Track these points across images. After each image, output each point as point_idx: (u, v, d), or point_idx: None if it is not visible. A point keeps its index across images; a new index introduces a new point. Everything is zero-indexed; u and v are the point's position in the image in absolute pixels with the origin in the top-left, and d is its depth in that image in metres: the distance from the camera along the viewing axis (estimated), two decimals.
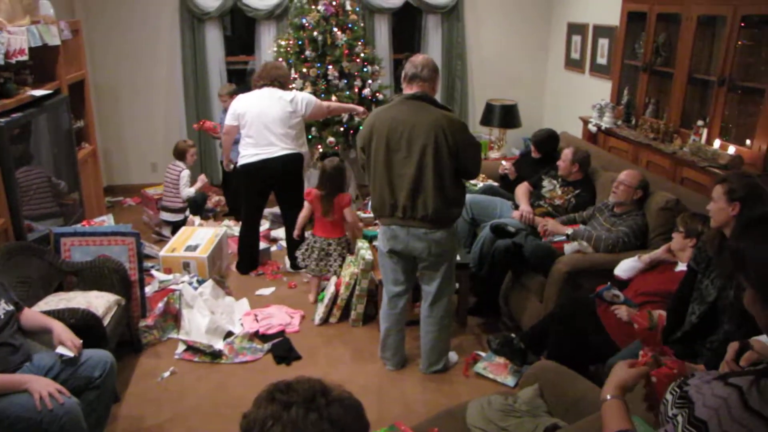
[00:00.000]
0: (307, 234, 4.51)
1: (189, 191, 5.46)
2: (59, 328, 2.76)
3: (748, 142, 3.87)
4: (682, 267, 3.07)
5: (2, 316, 2.62)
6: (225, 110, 4.99)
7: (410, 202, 3.16)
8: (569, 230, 3.86)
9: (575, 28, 6.35)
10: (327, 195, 4.26)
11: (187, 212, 5.58)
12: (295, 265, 4.85)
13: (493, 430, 2.32)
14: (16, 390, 2.46)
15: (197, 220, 5.35)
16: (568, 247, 3.70)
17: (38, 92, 4.13)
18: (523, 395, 2.45)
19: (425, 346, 3.56)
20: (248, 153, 4.51)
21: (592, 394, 2.36)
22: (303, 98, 4.57)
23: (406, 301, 3.54)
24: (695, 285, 2.70)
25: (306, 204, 4.44)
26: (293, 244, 4.84)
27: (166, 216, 5.50)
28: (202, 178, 5.65)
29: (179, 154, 5.53)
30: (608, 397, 1.45)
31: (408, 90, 3.20)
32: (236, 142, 4.79)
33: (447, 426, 2.42)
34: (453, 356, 3.70)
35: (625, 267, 3.34)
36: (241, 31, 7.05)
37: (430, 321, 3.48)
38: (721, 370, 1.80)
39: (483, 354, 3.70)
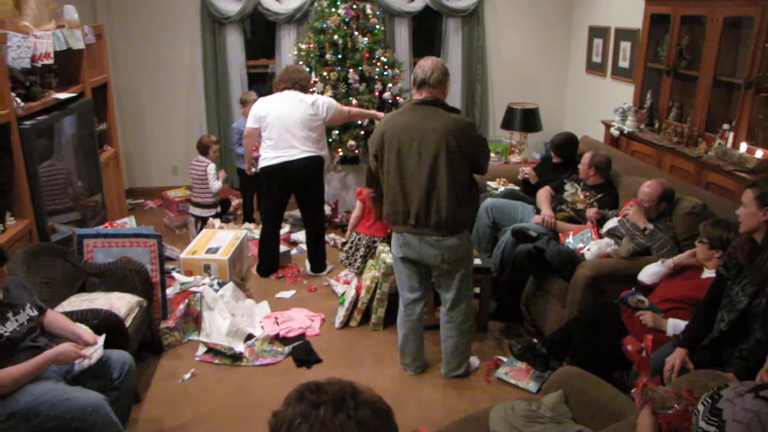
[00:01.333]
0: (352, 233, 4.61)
1: (218, 184, 5.46)
2: (82, 331, 2.78)
3: None
4: (709, 273, 3.02)
5: (26, 322, 2.64)
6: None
7: (423, 209, 3.13)
8: (649, 225, 3.63)
9: (597, 32, 6.30)
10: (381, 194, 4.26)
11: (218, 208, 5.59)
12: (315, 268, 4.86)
13: None
14: (43, 370, 2.50)
15: (217, 222, 5.36)
16: (596, 247, 3.64)
17: (63, 95, 4.17)
18: (547, 401, 2.41)
19: (446, 351, 3.53)
20: (269, 155, 4.52)
21: (617, 400, 2.33)
22: (324, 102, 4.57)
23: (423, 307, 3.51)
24: (725, 292, 2.65)
25: (358, 203, 4.52)
26: (314, 248, 4.85)
27: (197, 212, 5.50)
28: (222, 174, 5.64)
29: (203, 148, 5.52)
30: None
31: (418, 95, 3.17)
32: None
33: (469, 431, 2.40)
34: (474, 361, 3.67)
35: (649, 272, 3.29)
36: (261, 35, 7.08)
37: (450, 326, 3.46)
38: (759, 380, 1.76)
39: (504, 359, 3.67)
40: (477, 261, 4.01)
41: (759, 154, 3.78)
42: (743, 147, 3.92)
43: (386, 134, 3.17)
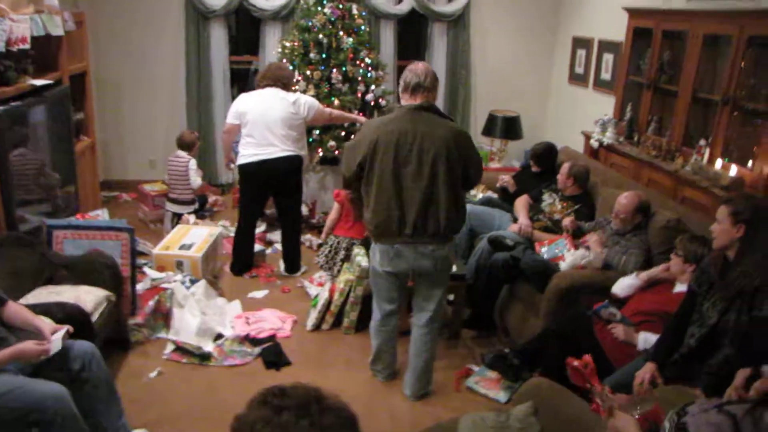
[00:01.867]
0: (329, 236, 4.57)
1: (199, 181, 5.39)
2: (44, 325, 2.70)
3: (749, 163, 3.85)
4: (680, 288, 3.04)
5: None
6: None
7: (422, 218, 3.04)
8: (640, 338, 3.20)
9: (580, 42, 6.34)
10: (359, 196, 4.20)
11: (197, 204, 5.52)
12: (289, 269, 4.81)
13: None
14: (2, 366, 2.43)
15: (192, 218, 5.29)
16: (571, 258, 3.64)
17: (39, 82, 4.10)
18: (517, 412, 2.40)
19: (417, 369, 3.38)
20: (248, 153, 4.47)
21: (587, 413, 2.32)
22: (306, 101, 4.54)
23: (398, 316, 3.46)
24: (695, 307, 2.66)
25: (335, 205, 4.47)
26: (289, 248, 4.81)
27: (174, 208, 5.42)
28: (199, 171, 5.58)
29: (187, 145, 5.43)
30: None
31: (411, 100, 3.09)
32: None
33: None
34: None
35: (623, 285, 3.30)
36: (245, 31, 7.03)
37: (427, 339, 3.34)
38: (727, 397, 1.77)
39: (476, 368, 3.66)
40: (453, 268, 4.00)
41: (733, 171, 3.81)
42: (718, 164, 3.96)
43: (379, 141, 3.03)
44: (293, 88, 4.82)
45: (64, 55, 4.67)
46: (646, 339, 2.92)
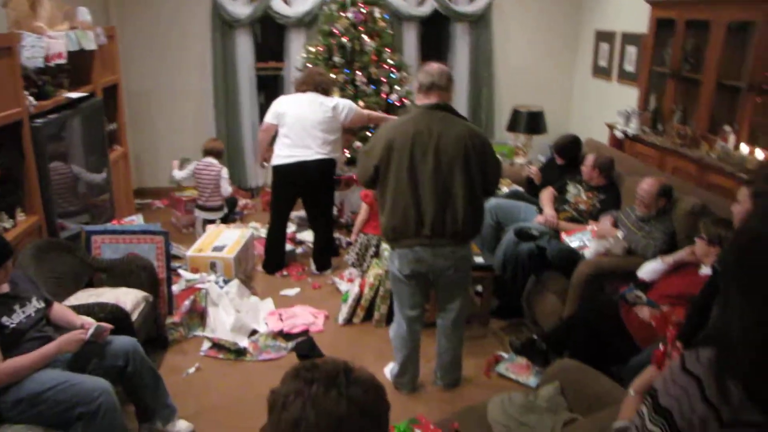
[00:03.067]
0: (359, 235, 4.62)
1: (230, 189, 5.52)
2: (84, 321, 2.84)
3: None
4: (706, 270, 3.05)
5: (33, 314, 2.70)
6: None
7: (440, 218, 3.00)
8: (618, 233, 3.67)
9: (603, 36, 6.34)
10: None
11: (226, 210, 5.64)
12: (320, 267, 4.91)
13: (514, 425, 2.34)
14: (50, 359, 2.57)
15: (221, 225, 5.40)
16: (593, 246, 3.67)
17: (74, 94, 4.26)
18: (544, 392, 2.45)
19: (445, 363, 3.44)
20: (283, 153, 4.57)
21: (614, 391, 2.37)
22: (345, 105, 4.64)
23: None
24: (719, 288, 2.67)
25: (363, 205, 4.50)
26: (321, 249, 4.90)
27: (204, 215, 5.55)
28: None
29: (217, 152, 5.58)
30: (631, 392, 1.51)
31: (426, 100, 3.07)
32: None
33: (468, 421, 2.44)
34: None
35: (649, 269, 3.32)
36: (270, 38, 7.16)
37: (453, 337, 3.37)
38: None
39: (505, 355, 3.71)
40: (480, 259, 4.06)
41: (760, 155, 3.81)
42: (744, 149, 3.95)
43: (396, 142, 2.99)
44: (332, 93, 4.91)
45: (97, 68, 4.83)
46: None
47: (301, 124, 4.51)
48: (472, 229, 3.11)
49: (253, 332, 3.97)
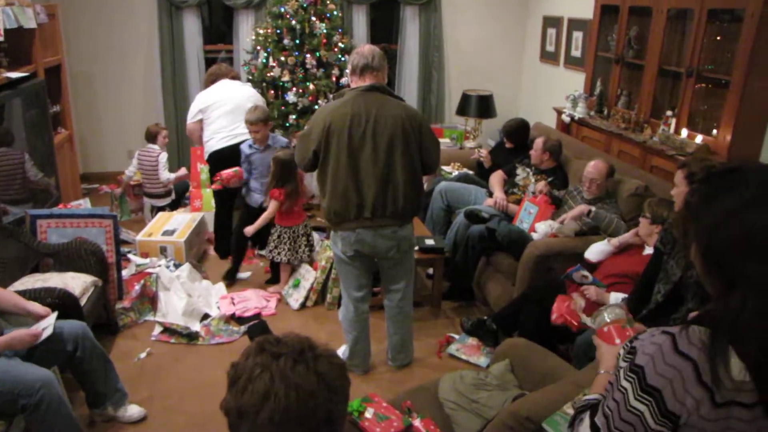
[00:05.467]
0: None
1: (168, 175, 5.39)
2: (33, 306, 2.77)
3: (714, 131, 3.99)
4: (649, 251, 3.16)
5: None
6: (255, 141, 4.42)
7: (380, 200, 3.02)
8: (592, 208, 3.77)
9: (550, 21, 6.45)
10: (295, 187, 4.16)
11: (172, 196, 5.54)
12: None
13: (465, 402, 2.40)
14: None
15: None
16: (541, 228, 3.77)
17: (14, 74, 4.12)
18: (494, 370, 2.52)
19: (396, 344, 3.48)
20: (222, 137, 4.57)
21: (561, 368, 2.44)
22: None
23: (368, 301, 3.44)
24: (661, 266, 2.79)
25: (273, 203, 4.17)
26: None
27: (152, 202, 5.46)
28: (182, 171, 5.60)
29: (151, 136, 5.48)
30: (602, 371, 1.56)
31: (360, 82, 3.06)
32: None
33: (420, 399, 2.49)
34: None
35: (596, 250, 3.43)
36: (218, 20, 7.05)
37: (401, 318, 3.41)
38: None
39: (456, 336, 3.78)
40: (430, 242, 4.12)
41: (699, 139, 3.96)
42: (684, 133, 4.10)
43: (332, 126, 2.97)
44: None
45: (38, 47, 4.68)
46: (617, 298, 3.04)
47: (235, 102, 4.55)
48: (412, 208, 3.14)
49: (205, 316, 3.95)
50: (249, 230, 4.26)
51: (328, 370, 1.23)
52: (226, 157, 4.54)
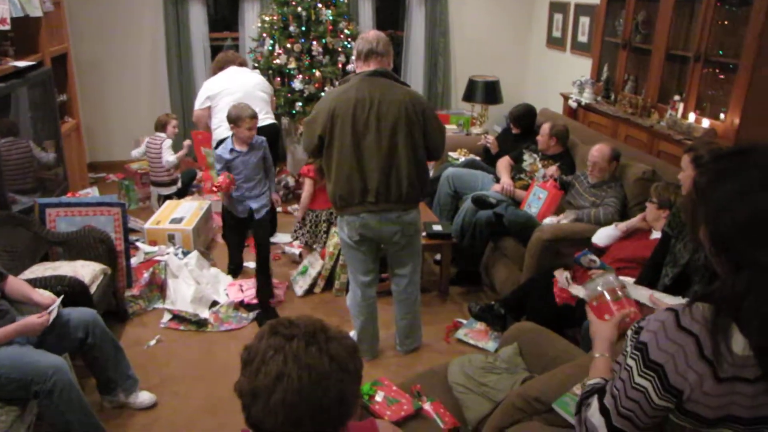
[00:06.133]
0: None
1: (171, 159, 5.38)
2: (39, 297, 2.78)
3: (722, 116, 3.97)
4: (656, 235, 3.17)
5: None
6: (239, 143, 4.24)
7: (384, 185, 3.03)
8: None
9: (557, 7, 6.41)
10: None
11: (179, 184, 5.55)
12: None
13: (474, 386, 2.41)
14: (8, 340, 2.52)
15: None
16: (547, 222, 3.78)
17: (21, 63, 4.13)
18: (503, 354, 2.53)
19: (404, 329, 3.50)
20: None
21: (569, 351, 2.45)
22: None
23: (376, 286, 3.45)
24: (669, 249, 2.79)
25: (307, 182, 4.30)
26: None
27: (158, 191, 5.48)
28: (186, 144, 5.56)
29: (160, 126, 5.49)
30: (597, 354, 1.55)
31: (365, 67, 3.06)
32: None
33: (429, 383, 2.51)
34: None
35: (603, 235, 3.43)
36: (223, 8, 7.04)
37: (408, 303, 3.42)
38: None
39: (464, 321, 3.79)
40: (438, 227, 4.12)
41: (706, 123, 3.94)
42: (692, 117, 4.08)
43: (336, 111, 2.99)
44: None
45: (44, 36, 4.69)
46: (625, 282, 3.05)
47: (244, 90, 4.45)
48: (416, 193, 3.14)
49: (214, 303, 3.97)
50: (298, 215, 4.41)
51: (340, 351, 1.24)
52: None
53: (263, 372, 1.19)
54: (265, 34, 5.79)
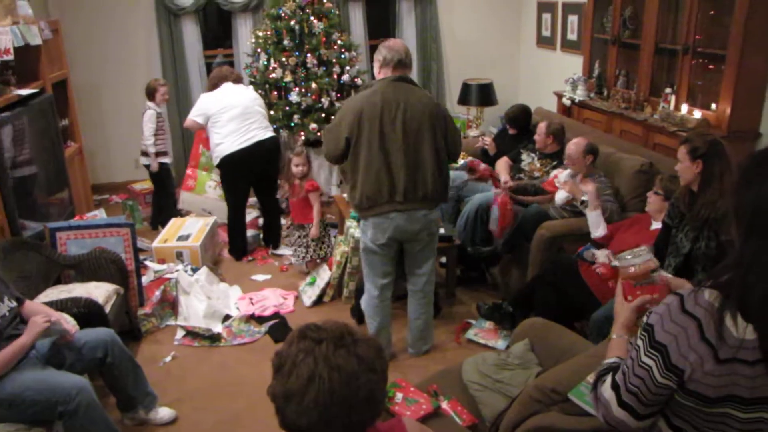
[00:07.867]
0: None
1: (148, 135, 5.21)
2: (57, 315, 2.83)
3: (713, 106, 4.04)
4: (656, 225, 3.24)
5: (7, 313, 2.70)
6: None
7: (411, 183, 3.15)
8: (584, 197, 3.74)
9: (545, 7, 6.50)
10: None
11: (159, 159, 5.33)
12: (276, 245, 5.08)
13: (489, 383, 2.48)
14: (26, 348, 2.57)
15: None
16: (560, 196, 3.86)
17: (24, 91, 4.19)
18: (515, 350, 2.59)
19: (418, 330, 3.56)
20: (234, 141, 4.58)
21: (579, 344, 2.51)
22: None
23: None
24: (670, 239, 2.86)
25: (316, 194, 4.46)
26: (272, 225, 5.10)
27: (143, 161, 5.38)
28: (166, 158, 5.41)
29: (149, 92, 5.31)
30: (614, 336, 1.64)
31: (389, 74, 3.19)
32: None
33: (445, 382, 2.57)
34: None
35: (591, 223, 3.48)
36: (216, 25, 7.11)
37: (424, 302, 3.49)
38: None
39: (473, 321, 3.85)
40: (441, 230, 4.18)
41: (698, 114, 4.02)
42: (684, 109, 4.16)
43: (365, 113, 3.11)
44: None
45: (44, 63, 4.74)
46: None
47: (242, 105, 4.61)
48: (441, 192, 3.28)
49: (226, 317, 4.03)
50: (314, 232, 4.46)
51: (368, 352, 1.31)
52: (240, 160, 4.62)
53: (295, 374, 1.25)
54: (259, 49, 5.86)
